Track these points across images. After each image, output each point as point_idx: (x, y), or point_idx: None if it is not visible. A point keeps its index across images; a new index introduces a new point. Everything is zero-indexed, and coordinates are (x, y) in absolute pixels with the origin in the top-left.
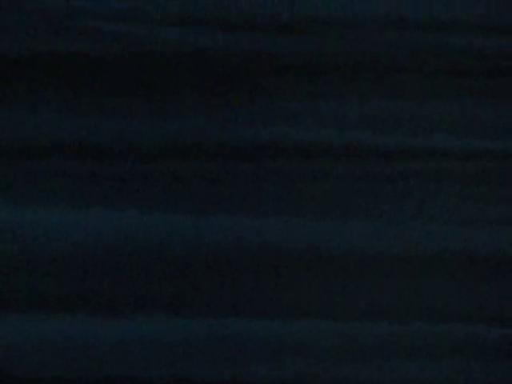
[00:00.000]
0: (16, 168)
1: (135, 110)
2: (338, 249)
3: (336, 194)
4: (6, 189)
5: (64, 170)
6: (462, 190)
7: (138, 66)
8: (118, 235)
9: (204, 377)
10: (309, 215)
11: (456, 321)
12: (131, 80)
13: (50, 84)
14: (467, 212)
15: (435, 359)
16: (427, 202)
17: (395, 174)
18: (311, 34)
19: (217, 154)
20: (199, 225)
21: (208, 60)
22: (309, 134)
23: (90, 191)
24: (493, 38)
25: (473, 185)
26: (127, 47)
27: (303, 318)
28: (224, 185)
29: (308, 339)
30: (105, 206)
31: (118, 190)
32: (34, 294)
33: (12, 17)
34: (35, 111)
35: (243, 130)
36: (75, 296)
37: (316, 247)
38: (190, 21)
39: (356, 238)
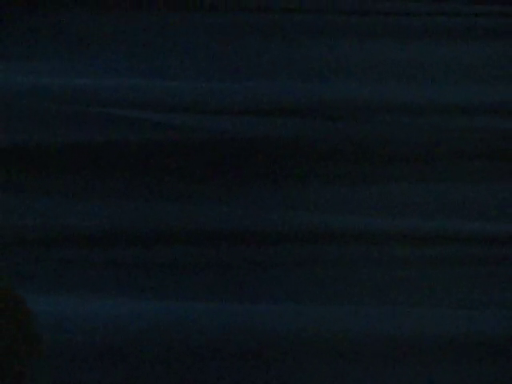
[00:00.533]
0: (32, 257)
1: (151, 196)
2: (344, 332)
3: (344, 279)
4: (23, 278)
5: (83, 259)
6: (471, 273)
7: (152, 152)
8: (122, 322)
9: None
10: (312, 300)
11: None
12: (145, 166)
13: (63, 171)
14: (472, 295)
15: None
16: (433, 286)
17: (400, 258)
18: (331, 120)
19: (221, 240)
20: (203, 311)
21: (219, 146)
22: (317, 219)
23: (104, 279)
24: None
25: (476, 268)
26: (143, 133)
27: None
28: (228, 271)
29: None
30: (119, 294)
31: (135, 277)
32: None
33: (37, 107)
34: (50, 200)
35: (249, 217)
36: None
37: (317, 332)
38: (201, 108)
39: (361, 322)
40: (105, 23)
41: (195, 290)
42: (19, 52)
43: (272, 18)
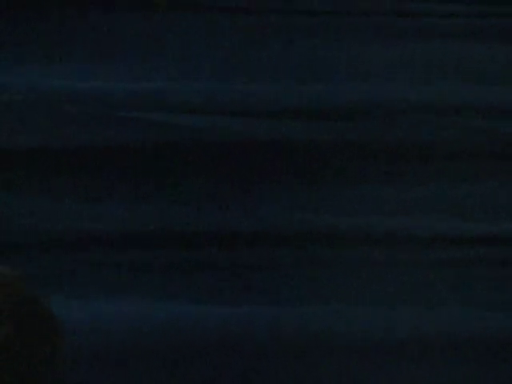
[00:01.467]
0: (44, 260)
1: (165, 199)
2: (360, 333)
3: (358, 281)
4: (36, 281)
5: (96, 262)
6: (484, 274)
7: (165, 154)
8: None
9: None
10: (325, 302)
11: None
12: (158, 169)
13: (88, 174)
14: (486, 296)
15: None
16: (458, 288)
17: (426, 261)
18: (354, 121)
19: (236, 242)
20: (221, 314)
21: (232, 148)
22: (330, 221)
23: (116, 281)
24: None
25: (500, 270)
26: (155, 135)
27: None
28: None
29: None
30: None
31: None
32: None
33: (49, 110)
34: (75, 201)
35: (262, 219)
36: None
37: (331, 333)
38: (213, 110)
39: (375, 323)
40: (115, 25)
41: (208, 292)
42: (32, 56)
43: (283, 19)
